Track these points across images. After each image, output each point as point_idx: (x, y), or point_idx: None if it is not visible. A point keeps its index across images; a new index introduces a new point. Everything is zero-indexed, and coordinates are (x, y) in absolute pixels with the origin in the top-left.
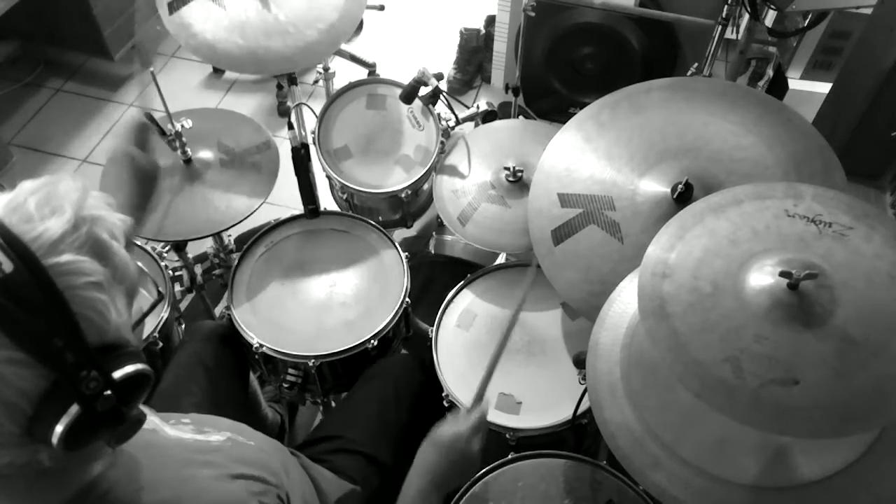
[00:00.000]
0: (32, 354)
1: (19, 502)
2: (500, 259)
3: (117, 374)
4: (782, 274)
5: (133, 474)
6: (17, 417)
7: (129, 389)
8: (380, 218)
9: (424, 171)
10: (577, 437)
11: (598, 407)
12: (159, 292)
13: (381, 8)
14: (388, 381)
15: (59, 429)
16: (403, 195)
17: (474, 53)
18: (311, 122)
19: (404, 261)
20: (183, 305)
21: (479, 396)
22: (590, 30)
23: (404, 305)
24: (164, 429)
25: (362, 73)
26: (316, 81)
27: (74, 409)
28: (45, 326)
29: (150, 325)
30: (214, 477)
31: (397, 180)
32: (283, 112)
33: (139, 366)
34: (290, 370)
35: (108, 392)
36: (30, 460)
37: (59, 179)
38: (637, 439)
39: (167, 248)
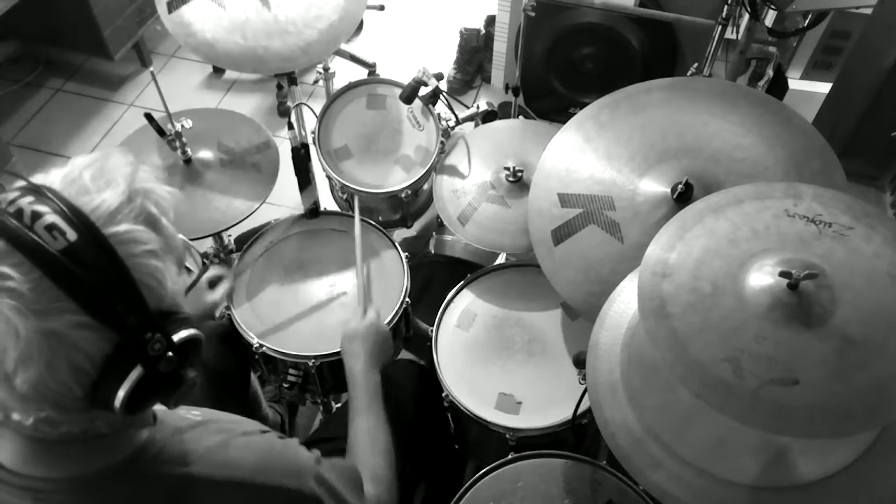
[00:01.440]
0: (99, 318)
1: (77, 466)
2: (500, 259)
3: (177, 338)
4: (782, 274)
5: (177, 434)
6: (83, 381)
7: (187, 352)
8: (380, 218)
9: (424, 171)
10: (577, 437)
11: (598, 407)
12: (203, 263)
13: (381, 8)
14: (389, 385)
15: (121, 392)
16: (403, 195)
17: (474, 53)
18: (311, 122)
19: (404, 261)
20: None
21: (366, 297)
22: (590, 30)
23: (404, 305)
24: (181, 413)
25: (362, 73)
26: (316, 81)
27: (136, 372)
28: (111, 291)
29: None
30: (252, 431)
31: (397, 180)
32: (283, 112)
33: (193, 330)
34: (290, 370)
35: (171, 354)
36: (86, 427)
37: (108, 154)
38: (637, 439)
39: None
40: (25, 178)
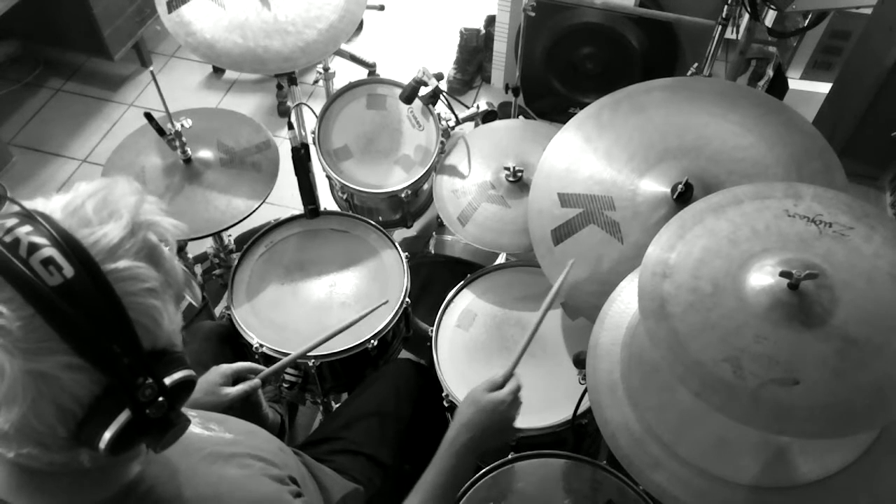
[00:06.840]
0: (90, 360)
1: (65, 499)
2: (500, 259)
3: (168, 380)
4: (782, 274)
5: (171, 471)
6: (69, 421)
7: (178, 395)
8: (380, 218)
9: (424, 171)
10: (577, 437)
11: (598, 407)
12: (204, 297)
13: (381, 8)
14: (389, 384)
15: (107, 435)
16: (403, 195)
17: (474, 53)
18: (311, 122)
19: (404, 261)
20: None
21: (514, 368)
22: (590, 30)
23: (404, 305)
24: (206, 433)
25: (362, 73)
26: (316, 81)
27: (125, 415)
28: (104, 333)
29: None
30: (245, 475)
31: (397, 180)
32: (283, 112)
33: (187, 371)
34: (290, 370)
35: (161, 398)
36: (69, 461)
37: (115, 182)
38: (637, 439)
39: None
40: (23, 206)
